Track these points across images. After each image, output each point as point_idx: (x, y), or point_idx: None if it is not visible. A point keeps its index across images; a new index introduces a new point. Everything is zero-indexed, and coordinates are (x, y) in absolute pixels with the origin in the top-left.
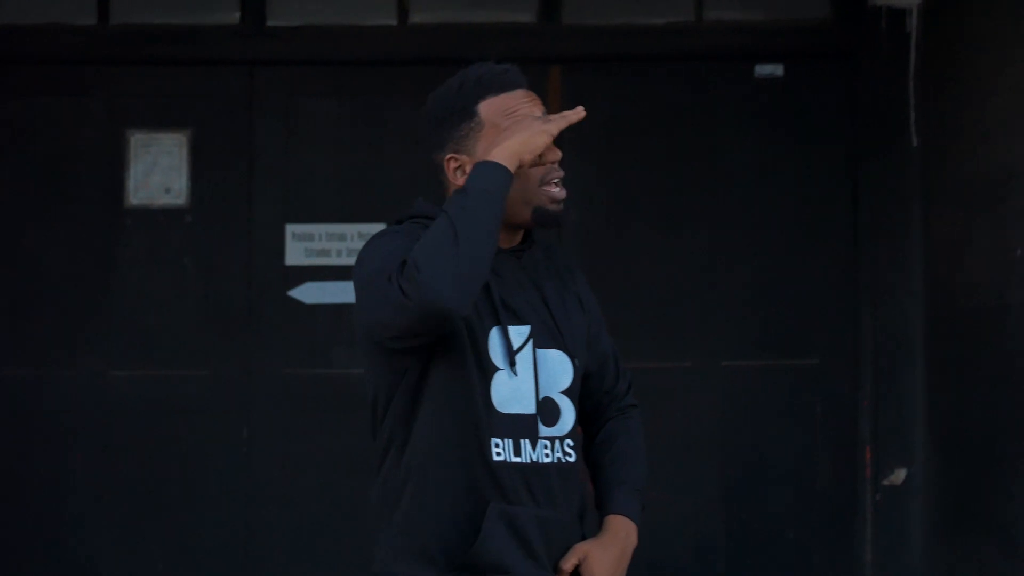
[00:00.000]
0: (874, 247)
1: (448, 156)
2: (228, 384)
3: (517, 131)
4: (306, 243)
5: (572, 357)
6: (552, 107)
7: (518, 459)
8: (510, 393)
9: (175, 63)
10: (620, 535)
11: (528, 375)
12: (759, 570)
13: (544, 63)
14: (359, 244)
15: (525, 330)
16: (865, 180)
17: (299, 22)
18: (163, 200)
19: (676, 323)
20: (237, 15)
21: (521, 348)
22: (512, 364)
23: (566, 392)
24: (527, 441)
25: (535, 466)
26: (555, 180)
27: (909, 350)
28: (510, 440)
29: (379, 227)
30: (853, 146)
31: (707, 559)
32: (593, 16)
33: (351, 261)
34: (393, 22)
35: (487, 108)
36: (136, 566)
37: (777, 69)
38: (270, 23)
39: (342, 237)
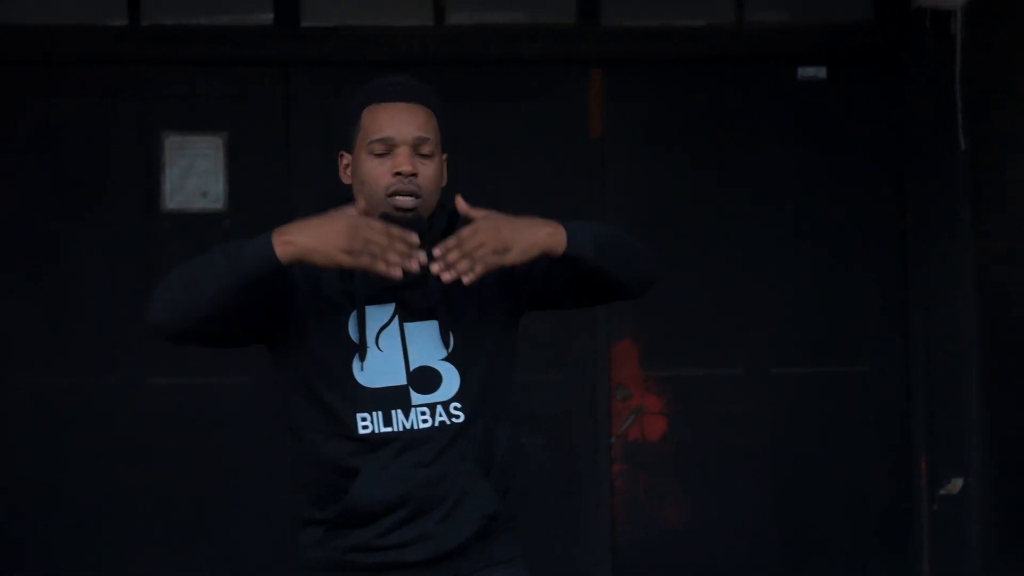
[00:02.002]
0: (923, 252)
1: (340, 152)
2: (270, 391)
3: (323, 228)
4: None
5: (448, 327)
6: (593, 109)
7: (388, 429)
8: (375, 368)
9: (209, 64)
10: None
11: (395, 350)
12: None
13: (584, 65)
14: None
15: (389, 308)
16: (912, 183)
17: (334, 23)
18: (200, 204)
19: (725, 330)
20: (271, 16)
21: (386, 326)
22: (376, 341)
23: (448, 359)
24: (399, 411)
25: (409, 433)
26: (402, 193)
27: (963, 357)
28: (379, 412)
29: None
30: (899, 149)
31: (759, 569)
32: (633, 17)
33: None
34: (429, 23)
35: (366, 115)
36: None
37: (820, 72)
38: (304, 24)
39: None
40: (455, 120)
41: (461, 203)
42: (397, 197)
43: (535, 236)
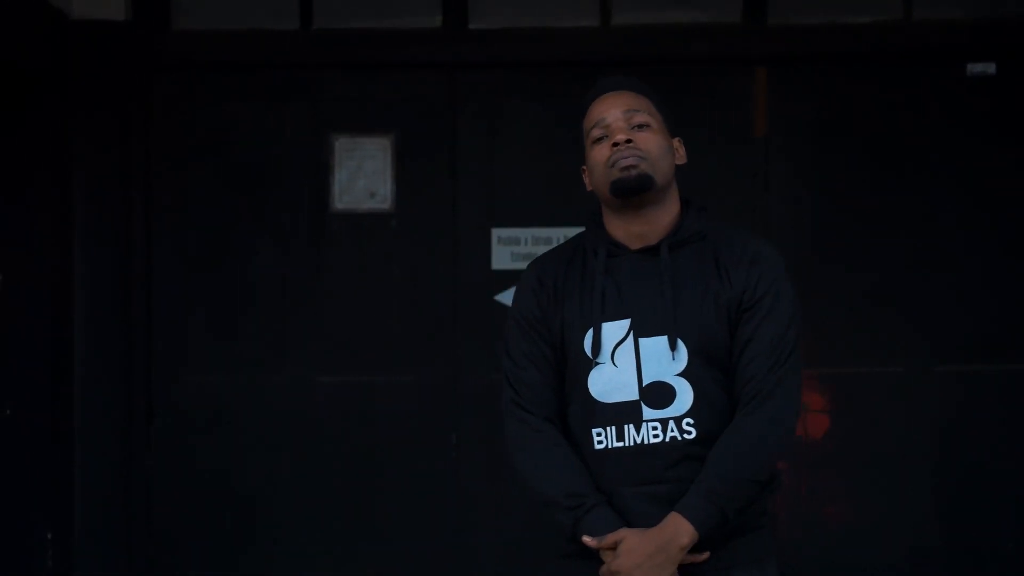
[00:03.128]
0: None
1: (582, 168)
2: (436, 390)
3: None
4: (512, 247)
5: (685, 342)
6: (758, 107)
7: (620, 444)
8: (609, 383)
9: (378, 67)
10: (667, 531)
11: (629, 364)
12: None
13: (749, 64)
14: None
15: (625, 323)
16: None
17: (501, 24)
18: (368, 205)
19: (886, 327)
20: (439, 18)
21: (622, 341)
22: (612, 356)
23: (683, 374)
24: (630, 426)
25: (640, 448)
26: (620, 160)
27: None
28: (612, 427)
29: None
30: None
31: (922, 570)
32: (799, 15)
33: None
34: (596, 23)
35: (586, 119)
36: (344, 573)
37: (989, 67)
38: (472, 26)
39: (548, 241)
40: None
41: (589, 541)
42: (620, 161)
43: (669, 567)
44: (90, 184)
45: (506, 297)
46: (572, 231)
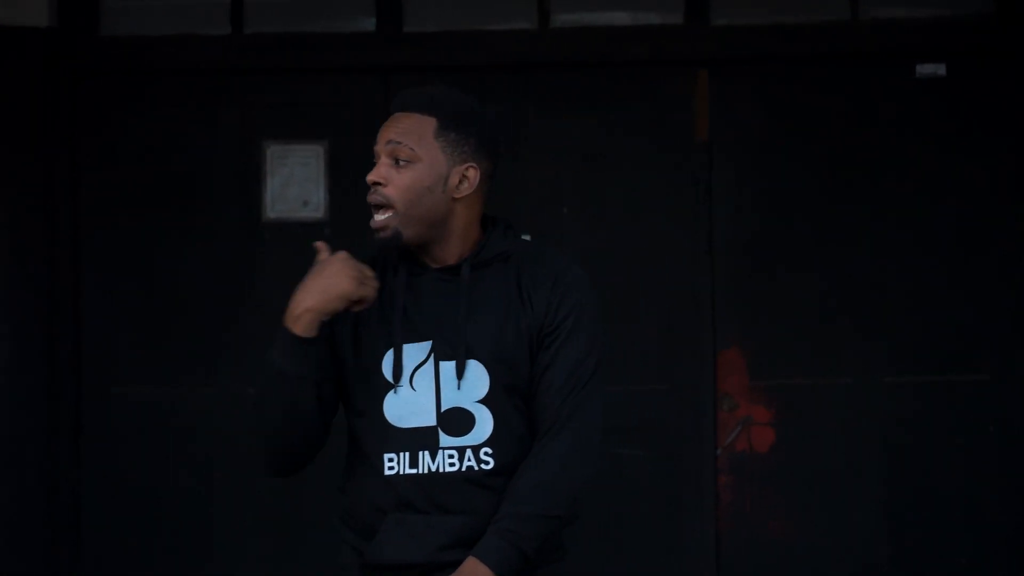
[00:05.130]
0: None
1: None
2: None
3: (311, 295)
4: None
5: (487, 368)
6: (700, 113)
7: (413, 470)
8: (405, 407)
9: (310, 72)
10: (463, 574)
11: (428, 389)
12: None
13: (690, 65)
14: None
15: (426, 345)
16: None
17: (436, 28)
18: (301, 213)
19: (835, 337)
20: (373, 22)
21: (422, 364)
22: (411, 380)
23: (483, 401)
24: (426, 452)
25: (434, 476)
26: (373, 205)
27: None
28: (407, 453)
29: (523, 237)
30: (1022, 149)
31: None
32: (743, 16)
33: None
34: (533, 25)
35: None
36: None
37: (939, 69)
38: (407, 29)
39: None
40: (558, 123)
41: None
42: (374, 215)
43: None
44: (12, 194)
45: None
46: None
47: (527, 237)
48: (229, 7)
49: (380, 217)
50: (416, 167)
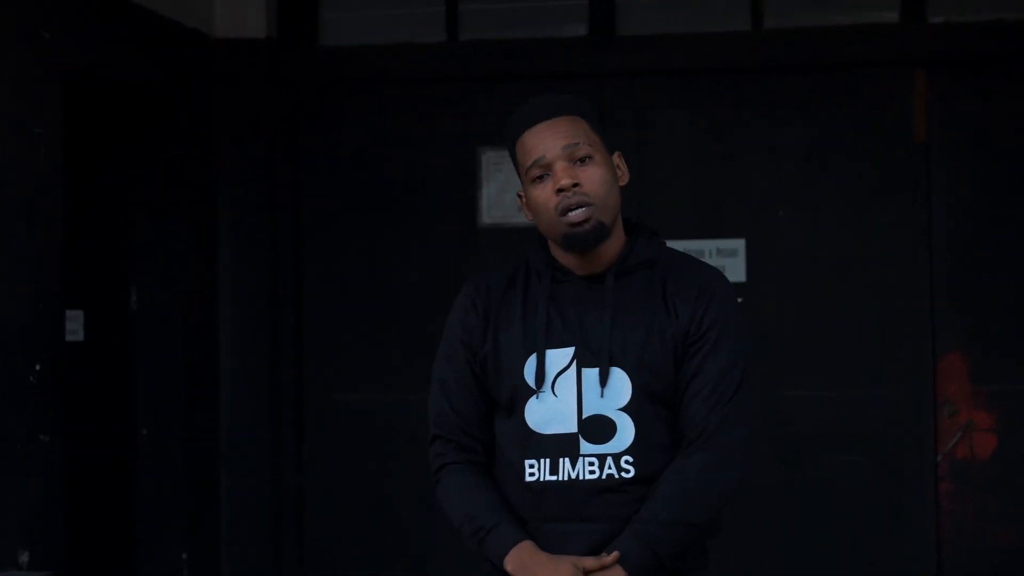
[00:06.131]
0: None
1: (518, 193)
2: None
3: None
4: None
5: (630, 376)
6: (918, 113)
7: (553, 477)
8: (547, 413)
9: (524, 78)
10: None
11: (569, 395)
12: None
13: (907, 65)
14: (717, 261)
15: (569, 351)
16: None
17: (649, 31)
18: (517, 219)
19: None
20: (585, 27)
21: (564, 370)
22: (552, 386)
23: (625, 409)
24: (566, 459)
25: (573, 483)
26: (570, 207)
27: None
28: (547, 460)
29: (736, 243)
30: None
31: None
32: (961, 13)
33: None
34: (747, 27)
35: (518, 149)
36: None
37: None
38: (619, 33)
39: (699, 254)
40: (773, 126)
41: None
42: (569, 214)
43: None
44: (235, 204)
45: None
46: (725, 243)
47: (667, 244)
48: (444, 15)
49: (581, 211)
50: (596, 161)
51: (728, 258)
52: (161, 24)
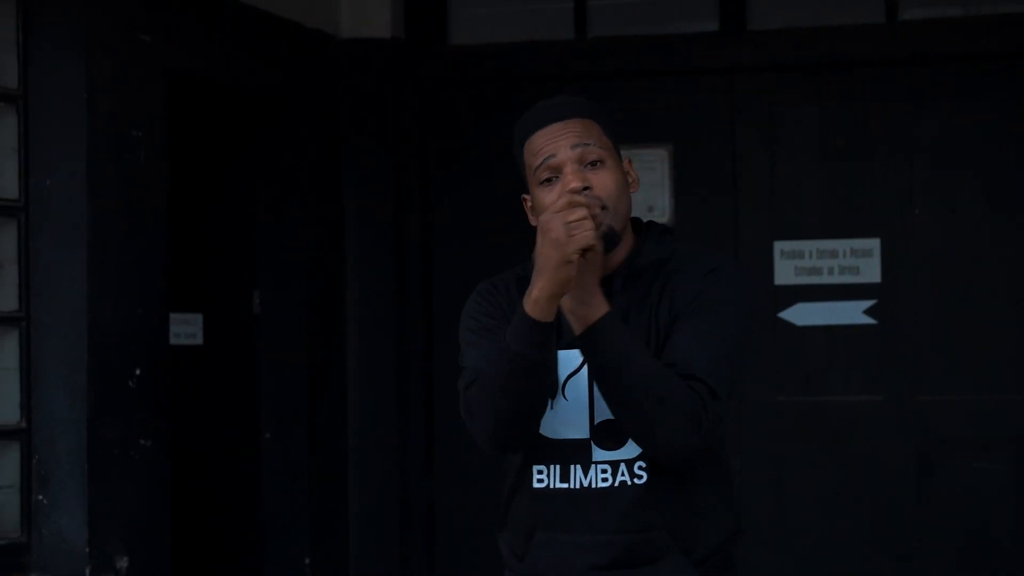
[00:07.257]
0: None
1: (523, 196)
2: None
3: (541, 274)
4: (796, 261)
5: None
6: None
7: (564, 485)
8: (557, 418)
9: (653, 74)
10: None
11: (581, 400)
12: None
13: None
14: (852, 261)
15: (578, 352)
16: None
17: (780, 25)
18: (646, 218)
19: None
20: (716, 21)
21: (575, 373)
22: (563, 389)
23: None
24: (578, 466)
25: (585, 491)
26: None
27: None
28: (557, 466)
29: (872, 243)
30: None
31: None
32: None
33: (843, 279)
34: (881, 19)
35: (527, 149)
36: None
37: None
38: (750, 27)
39: (833, 254)
40: (907, 120)
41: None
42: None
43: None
44: (362, 206)
45: (790, 314)
46: (861, 243)
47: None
48: (572, 11)
49: (596, 216)
50: (608, 165)
51: (862, 258)
52: (278, 26)
